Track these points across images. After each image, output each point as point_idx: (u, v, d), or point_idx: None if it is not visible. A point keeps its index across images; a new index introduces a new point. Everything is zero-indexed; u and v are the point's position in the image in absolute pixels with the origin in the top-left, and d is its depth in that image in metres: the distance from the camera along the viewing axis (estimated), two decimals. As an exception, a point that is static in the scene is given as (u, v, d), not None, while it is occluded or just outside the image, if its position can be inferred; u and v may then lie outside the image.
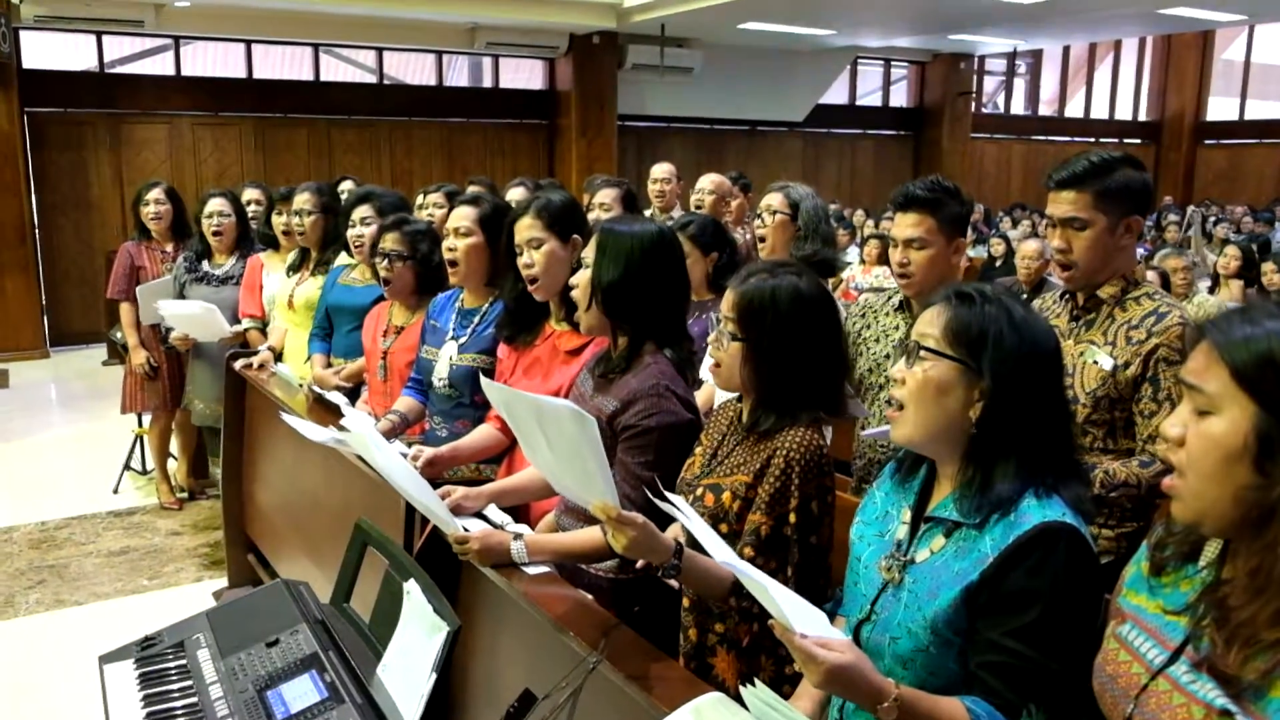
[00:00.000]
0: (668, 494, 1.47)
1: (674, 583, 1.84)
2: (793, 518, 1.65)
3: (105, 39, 9.82)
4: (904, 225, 2.39)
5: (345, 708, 1.69)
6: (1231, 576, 1.11)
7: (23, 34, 9.23)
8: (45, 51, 9.63)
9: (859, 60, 14.34)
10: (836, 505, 1.76)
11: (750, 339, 1.72)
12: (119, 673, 1.97)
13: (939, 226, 2.36)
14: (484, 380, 1.78)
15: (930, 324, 1.43)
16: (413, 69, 11.56)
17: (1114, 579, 1.34)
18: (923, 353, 1.41)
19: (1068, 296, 2.25)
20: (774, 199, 3.19)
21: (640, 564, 1.86)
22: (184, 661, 1.97)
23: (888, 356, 2.56)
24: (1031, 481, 1.36)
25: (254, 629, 1.99)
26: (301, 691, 1.76)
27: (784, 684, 1.67)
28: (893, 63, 14.84)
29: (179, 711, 1.82)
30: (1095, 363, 2.11)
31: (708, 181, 4.78)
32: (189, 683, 1.90)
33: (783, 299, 1.70)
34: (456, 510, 2.06)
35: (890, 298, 2.62)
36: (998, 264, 8.76)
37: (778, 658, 1.70)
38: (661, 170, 5.10)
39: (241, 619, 2.06)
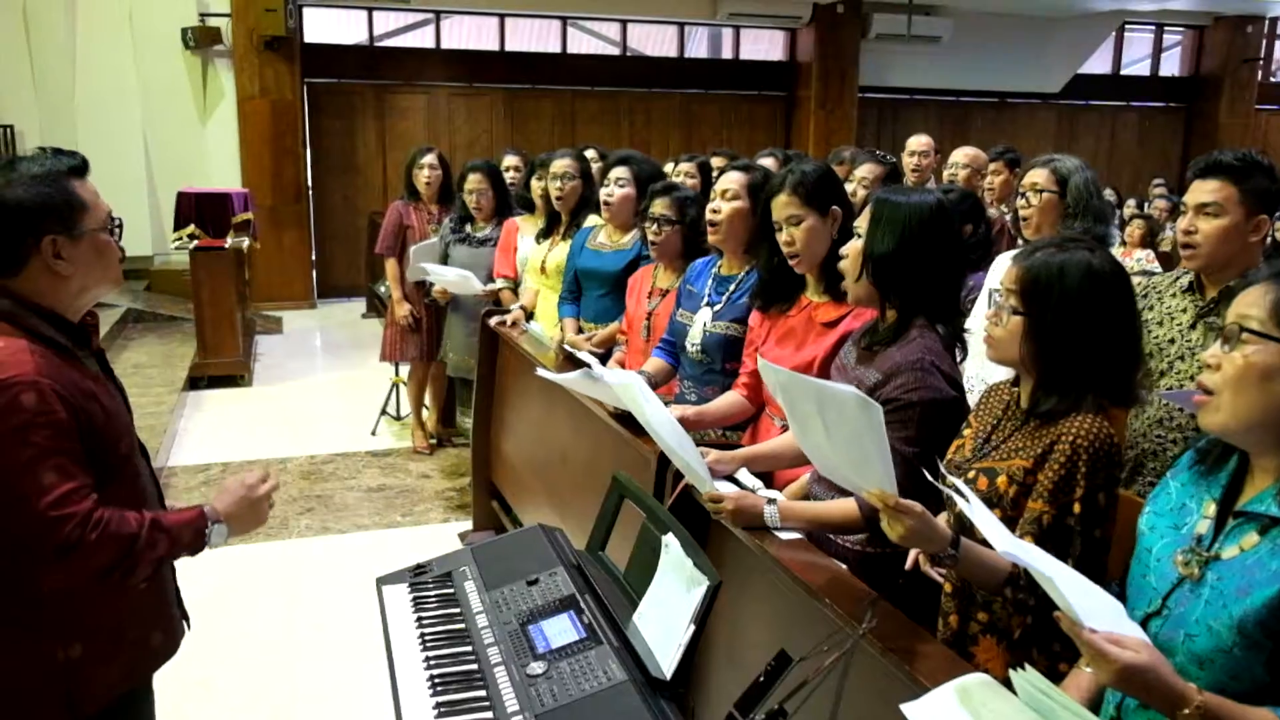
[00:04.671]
0: (948, 475, 1.43)
1: (936, 575, 1.78)
2: (1077, 508, 1.57)
3: (375, 14, 10.57)
4: (1200, 191, 2.25)
5: (603, 649, 1.75)
6: None
7: (305, 10, 10.08)
8: (323, 26, 10.48)
9: (1126, 25, 13.23)
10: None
11: (1033, 314, 1.64)
12: (395, 594, 2.13)
13: (1240, 197, 2.21)
14: (761, 362, 1.78)
15: (1254, 304, 1.30)
16: (654, 41, 11.73)
17: None
18: (1245, 335, 1.28)
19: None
20: (1039, 175, 2.92)
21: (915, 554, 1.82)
22: (451, 590, 2.11)
23: (1171, 341, 2.38)
24: None
25: (515, 567, 2.09)
26: (561, 629, 1.83)
27: (1053, 680, 1.59)
28: (1165, 28, 13.60)
29: (449, 633, 1.95)
30: None
31: (962, 155, 4.59)
32: (456, 609, 2.03)
33: (1071, 275, 1.62)
34: (710, 471, 2.08)
35: (1178, 278, 2.42)
36: (1281, 252, 7.90)
37: (1050, 653, 1.62)
38: (919, 142, 4.95)
39: (503, 557, 2.17)
